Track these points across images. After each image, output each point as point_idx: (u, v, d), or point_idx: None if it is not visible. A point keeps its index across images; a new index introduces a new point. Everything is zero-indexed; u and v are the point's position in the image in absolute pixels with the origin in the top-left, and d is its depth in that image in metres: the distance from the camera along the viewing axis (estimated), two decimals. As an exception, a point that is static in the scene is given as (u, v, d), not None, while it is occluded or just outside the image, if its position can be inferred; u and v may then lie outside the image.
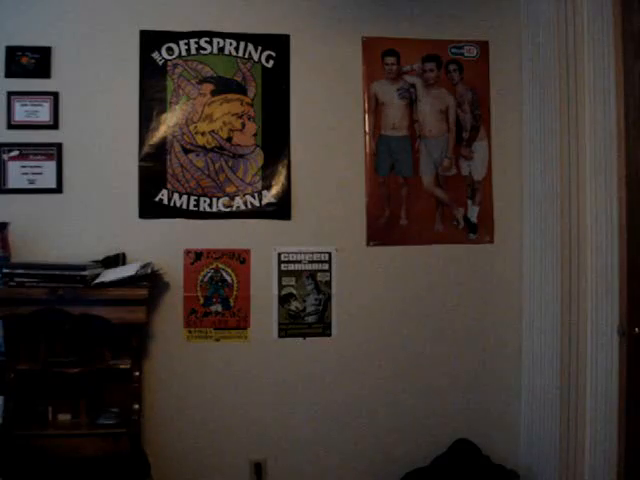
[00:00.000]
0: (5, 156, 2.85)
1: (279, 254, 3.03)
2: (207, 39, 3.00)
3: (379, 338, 3.09)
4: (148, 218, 2.95)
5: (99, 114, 2.92)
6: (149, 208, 2.95)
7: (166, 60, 2.97)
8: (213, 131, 2.99)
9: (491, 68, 3.19)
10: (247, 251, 3.01)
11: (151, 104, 2.95)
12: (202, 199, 2.98)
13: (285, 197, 3.03)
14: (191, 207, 2.97)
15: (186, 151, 2.97)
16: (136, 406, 2.72)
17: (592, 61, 2.74)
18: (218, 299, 2.98)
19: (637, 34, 2.54)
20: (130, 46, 2.93)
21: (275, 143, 3.03)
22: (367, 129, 3.11)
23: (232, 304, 2.99)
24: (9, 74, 2.86)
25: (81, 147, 2.90)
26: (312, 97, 3.06)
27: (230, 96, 3.01)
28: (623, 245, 2.61)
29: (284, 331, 3.04)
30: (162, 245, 2.95)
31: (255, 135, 3.02)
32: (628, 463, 2.59)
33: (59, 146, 2.88)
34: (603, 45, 2.67)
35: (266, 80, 3.03)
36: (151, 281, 2.79)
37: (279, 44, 3.05)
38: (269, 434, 3.03)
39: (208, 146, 2.99)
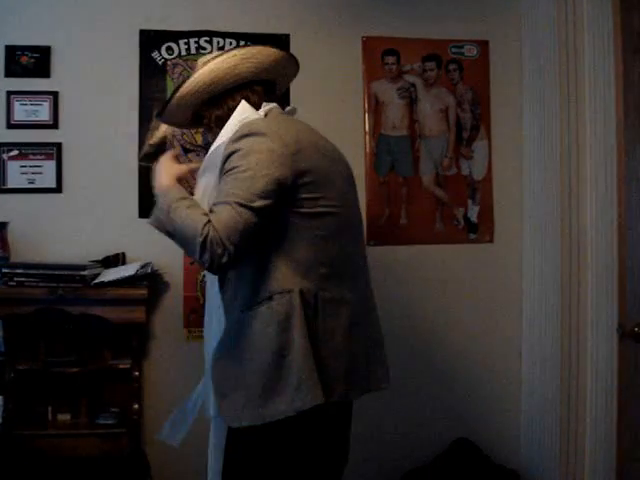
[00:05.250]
0: (5, 155, 2.85)
1: (279, 254, 3.02)
2: (207, 38, 2.99)
3: (379, 338, 3.09)
4: (148, 218, 2.94)
5: (99, 114, 2.91)
6: (149, 208, 2.94)
7: (166, 59, 2.96)
8: (213, 131, 2.98)
9: (491, 68, 3.19)
10: (247, 251, 3.00)
11: (151, 103, 2.94)
12: (202, 199, 2.97)
13: (285, 197, 3.03)
14: (191, 207, 2.96)
15: (186, 151, 2.97)
16: (136, 406, 2.71)
17: (592, 60, 2.74)
18: (218, 299, 2.97)
19: (637, 33, 2.55)
20: (130, 45, 2.93)
21: (275, 143, 3.03)
22: (367, 129, 3.10)
23: (232, 304, 2.98)
24: (9, 73, 2.84)
25: (81, 147, 2.90)
26: (312, 96, 3.05)
27: (230, 96, 3.00)
28: (623, 244, 2.61)
29: (284, 331, 3.03)
30: (162, 245, 2.92)
31: (255, 135, 3.01)
32: (628, 463, 2.59)
33: (59, 146, 2.88)
34: (603, 44, 2.68)
35: (266, 80, 3.02)
36: (151, 281, 2.78)
37: (279, 44, 3.04)
38: (269, 434, 3.02)
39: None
